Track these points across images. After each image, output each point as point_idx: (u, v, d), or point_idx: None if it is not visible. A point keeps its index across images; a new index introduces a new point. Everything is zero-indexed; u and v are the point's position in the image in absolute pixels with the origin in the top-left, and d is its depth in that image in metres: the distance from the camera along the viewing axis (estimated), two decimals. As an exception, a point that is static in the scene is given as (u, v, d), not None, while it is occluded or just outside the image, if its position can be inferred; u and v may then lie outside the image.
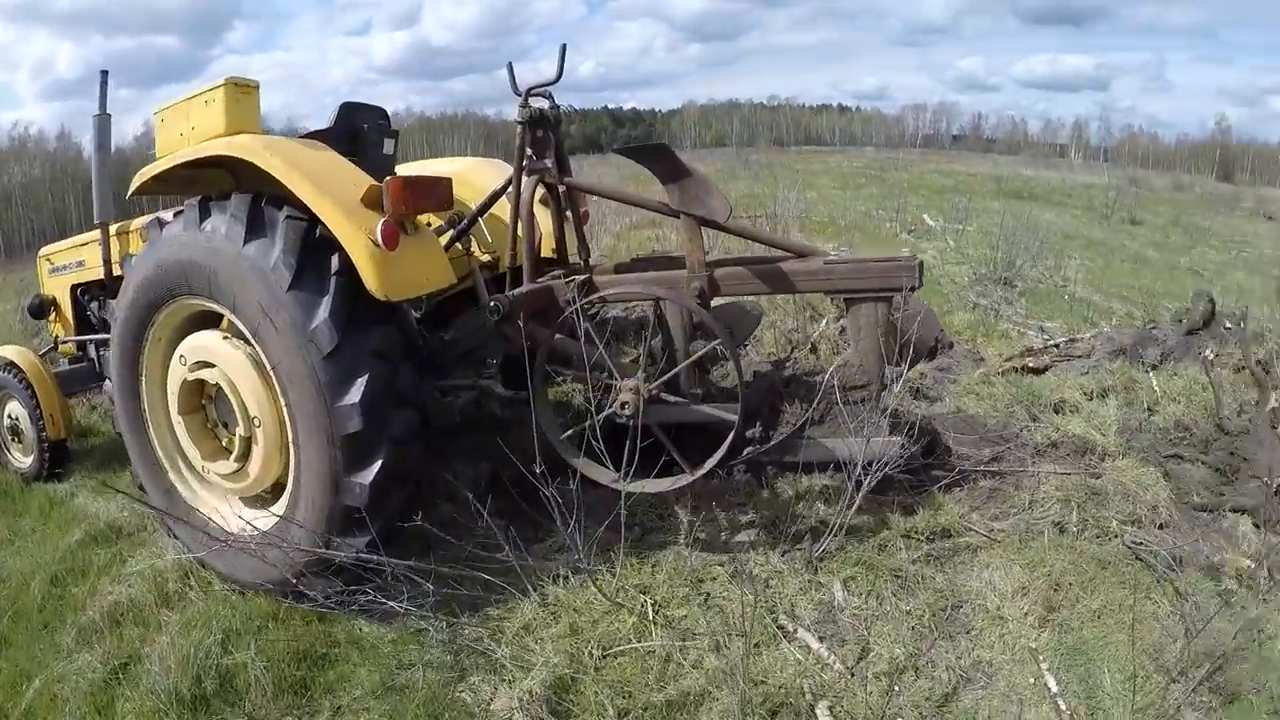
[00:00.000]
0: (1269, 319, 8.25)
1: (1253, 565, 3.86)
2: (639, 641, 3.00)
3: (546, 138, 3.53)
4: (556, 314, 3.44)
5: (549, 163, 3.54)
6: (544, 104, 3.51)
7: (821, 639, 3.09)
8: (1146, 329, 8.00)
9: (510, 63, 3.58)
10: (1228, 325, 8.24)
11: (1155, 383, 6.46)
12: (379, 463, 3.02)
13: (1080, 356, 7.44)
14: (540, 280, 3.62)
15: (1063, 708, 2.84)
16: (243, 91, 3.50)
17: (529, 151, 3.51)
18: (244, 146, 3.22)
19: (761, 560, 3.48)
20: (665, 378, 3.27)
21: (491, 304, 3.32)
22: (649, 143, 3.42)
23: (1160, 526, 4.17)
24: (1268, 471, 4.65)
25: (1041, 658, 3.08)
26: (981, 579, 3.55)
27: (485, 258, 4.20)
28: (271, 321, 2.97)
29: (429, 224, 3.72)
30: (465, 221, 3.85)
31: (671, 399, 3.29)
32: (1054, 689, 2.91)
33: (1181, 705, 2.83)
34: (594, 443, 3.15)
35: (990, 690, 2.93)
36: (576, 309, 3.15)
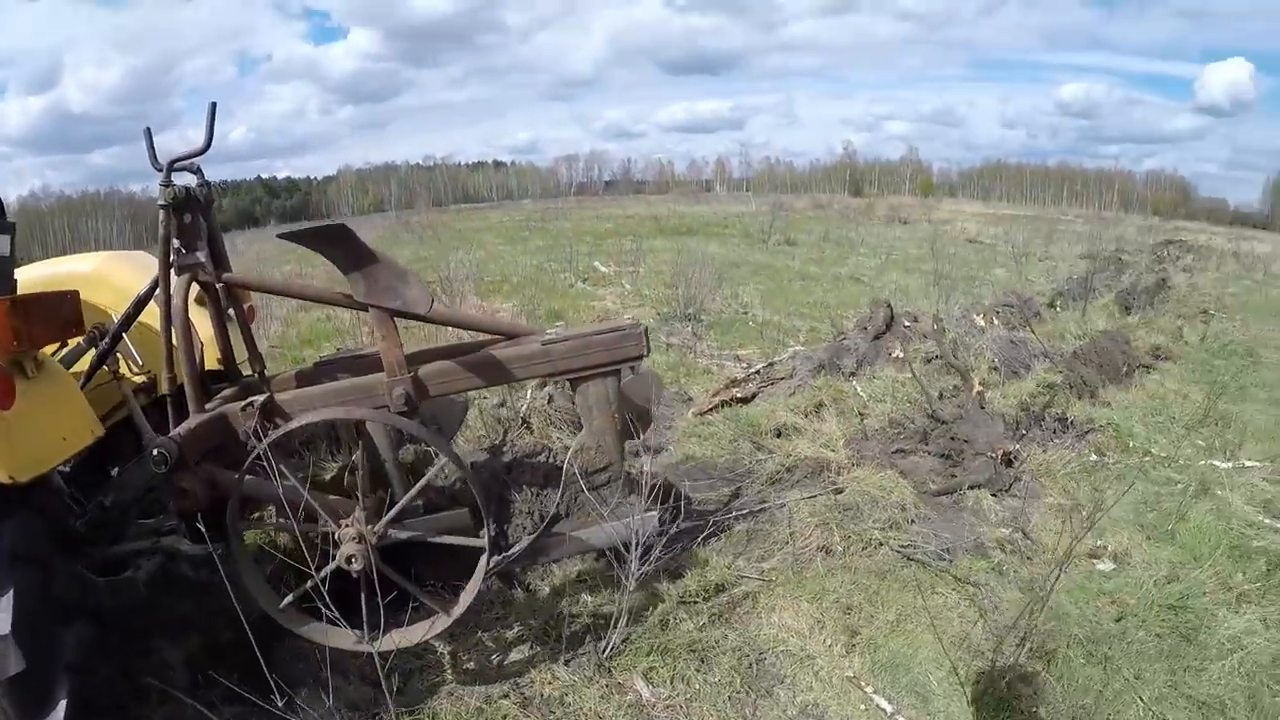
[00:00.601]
0: (936, 312, 10.88)
1: (1007, 531, 5.03)
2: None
3: (196, 224, 3.42)
4: (238, 448, 3.37)
5: (202, 256, 3.46)
6: (191, 180, 3.44)
7: (647, 747, 3.23)
8: (838, 341, 9.92)
9: (148, 129, 3.46)
10: (906, 324, 10.67)
11: (859, 389, 8.04)
12: (62, 704, 2.83)
13: (783, 378, 8.90)
14: (210, 407, 3.54)
15: (904, 723, 3.33)
16: None
17: (176, 243, 3.41)
18: None
19: (547, 678, 3.59)
20: (392, 514, 3.24)
21: (155, 452, 3.15)
22: (322, 224, 3.36)
23: (913, 522, 5.16)
24: (989, 447, 6.10)
25: (863, 683, 3.57)
26: (774, 624, 4.01)
27: (139, 379, 4.08)
28: None
29: (56, 352, 3.59)
30: (108, 340, 3.65)
31: (402, 534, 3.33)
32: (888, 708, 3.39)
33: (1010, 679, 3.52)
34: (321, 605, 3.06)
35: None
36: (263, 448, 3.07)
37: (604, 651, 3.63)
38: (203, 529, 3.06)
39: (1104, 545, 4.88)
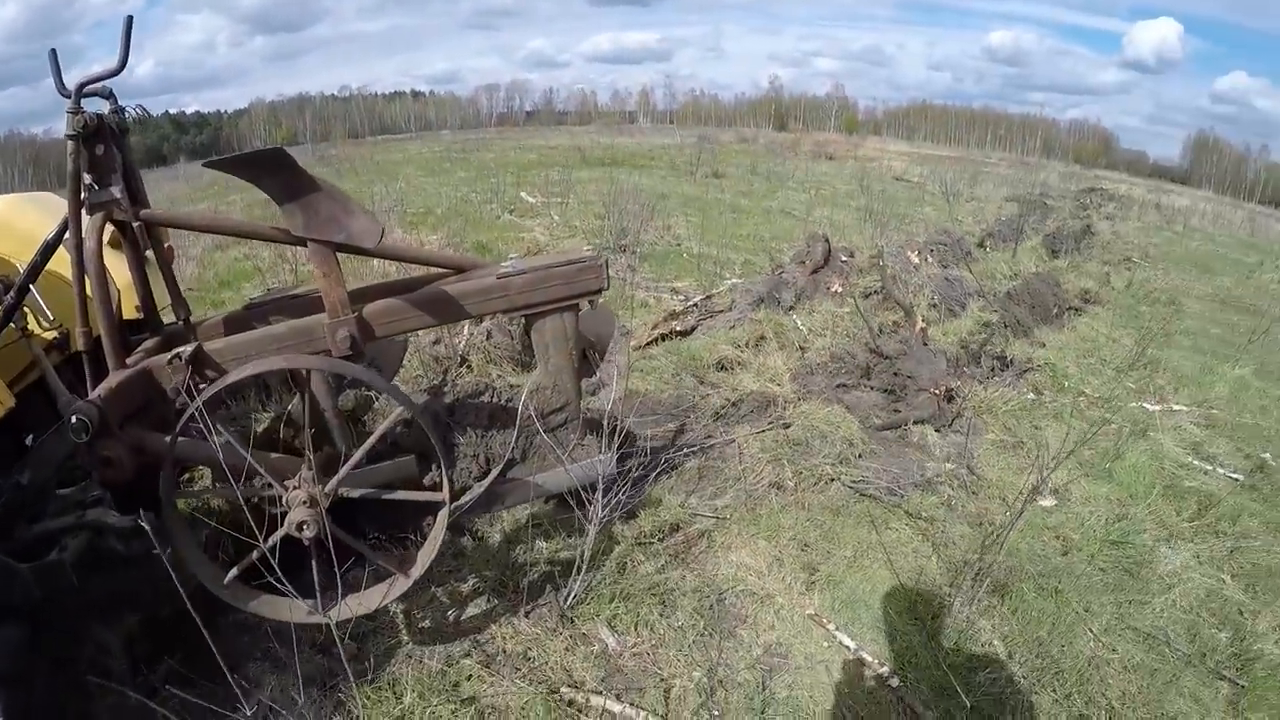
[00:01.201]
0: (878, 248, 10.98)
1: (952, 467, 5.12)
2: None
3: (110, 155, 3.07)
4: (166, 406, 3.13)
5: (117, 191, 3.11)
6: (104, 108, 3.08)
7: (619, 697, 3.20)
8: (776, 274, 9.94)
9: (53, 51, 3.11)
10: (844, 259, 10.75)
11: (799, 323, 8.07)
12: None
13: (722, 311, 8.87)
14: (132, 362, 3.22)
15: (868, 659, 3.38)
16: None
17: (87, 178, 3.04)
18: None
19: (509, 633, 3.50)
20: (344, 470, 3.01)
21: (74, 419, 2.85)
22: (257, 150, 3.03)
23: (861, 457, 5.22)
24: (932, 383, 6.19)
25: (825, 620, 3.62)
26: (732, 563, 4.02)
27: (50, 335, 3.71)
28: None
29: None
30: (13, 294, 3.27)
31: (355, 492, 3.12)
32: (851, 645, 3.45)
33: (969, 615, 3.61)
34: (271, 577, 2.84)
35: (795, 670, 3.37)
36: (197, 407, 2.78)
37: (566, 601, 3.56)
38: (132, 498, 2.84)
39: (1045, 481, 5.02)
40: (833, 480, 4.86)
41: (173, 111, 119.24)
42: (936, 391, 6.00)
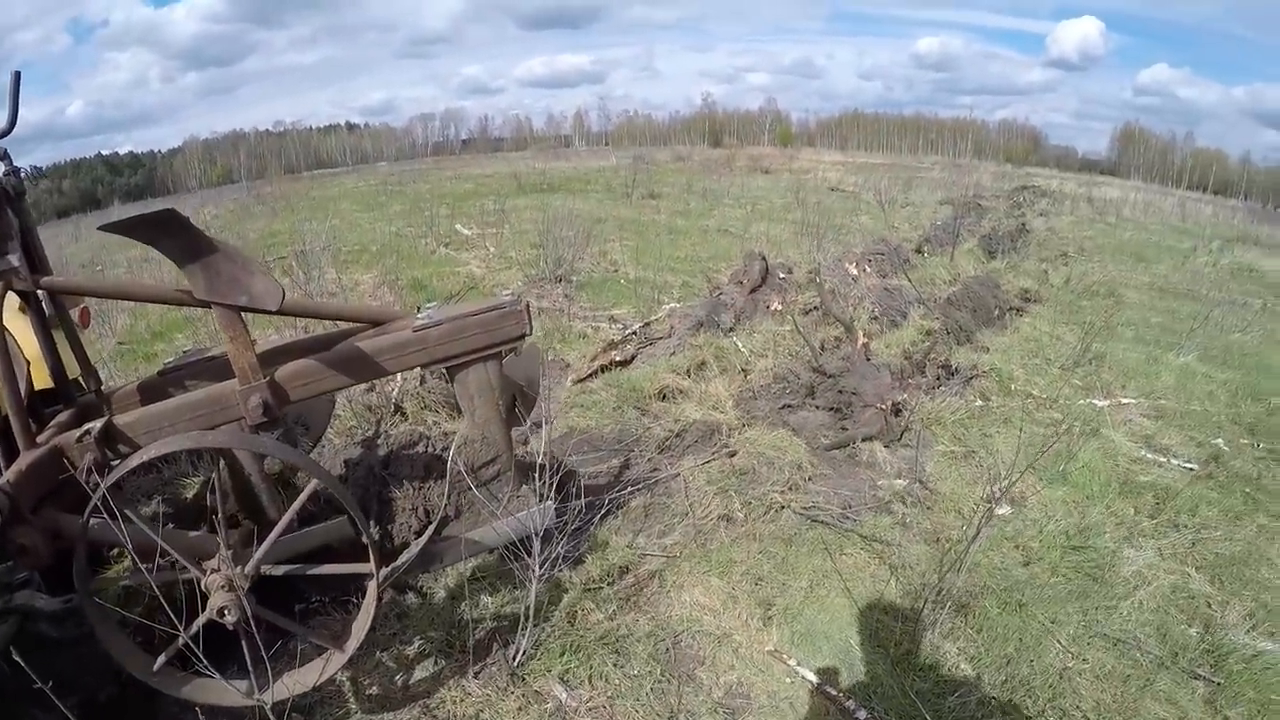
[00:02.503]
0: (814, 263, 11.06)
1: (904, 483, 5.09)
2: None
3: (6, 221, 2.99)
4: (77, 487, 2.99)
5: (14, 259, 3.01)
6: None
7: (574, 755, 3.09)
8: (714, 296, 9.93)
9: None
10: (781, 276, 10.80)
11: (740, 345, 8.05)
12: None
13: (662, 338, 8.81)
14: (43, 440, 3.11)
15: (833, 692, 3.30)
16: None
17: None
18: None
19: (458, 695, 3.38)
20: (261, 551, 2.91)
21: None
22: (149, 213, 2.90)
23: (810, 480, 5.18)
24: (878, 398, 6.18)
25: (785, 655, 3.54)
26: (685, 603, 3.92)
27: None
28: None
29: None
30: None
31: (278, 570, 3.00)
32: (814, 679, 3.37)
33: (933, 638, 3.56)
34: (198, 664, 2.73)
35: (758, 710, 3.29)
36: (103, 491, 2.64)
37: (514, 659, 3.44)
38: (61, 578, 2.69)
39: (1000, 496, 5.03)
40: (783, 508, 4.80)
41: (105, 153, 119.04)
42: (883, 406, 5.99)
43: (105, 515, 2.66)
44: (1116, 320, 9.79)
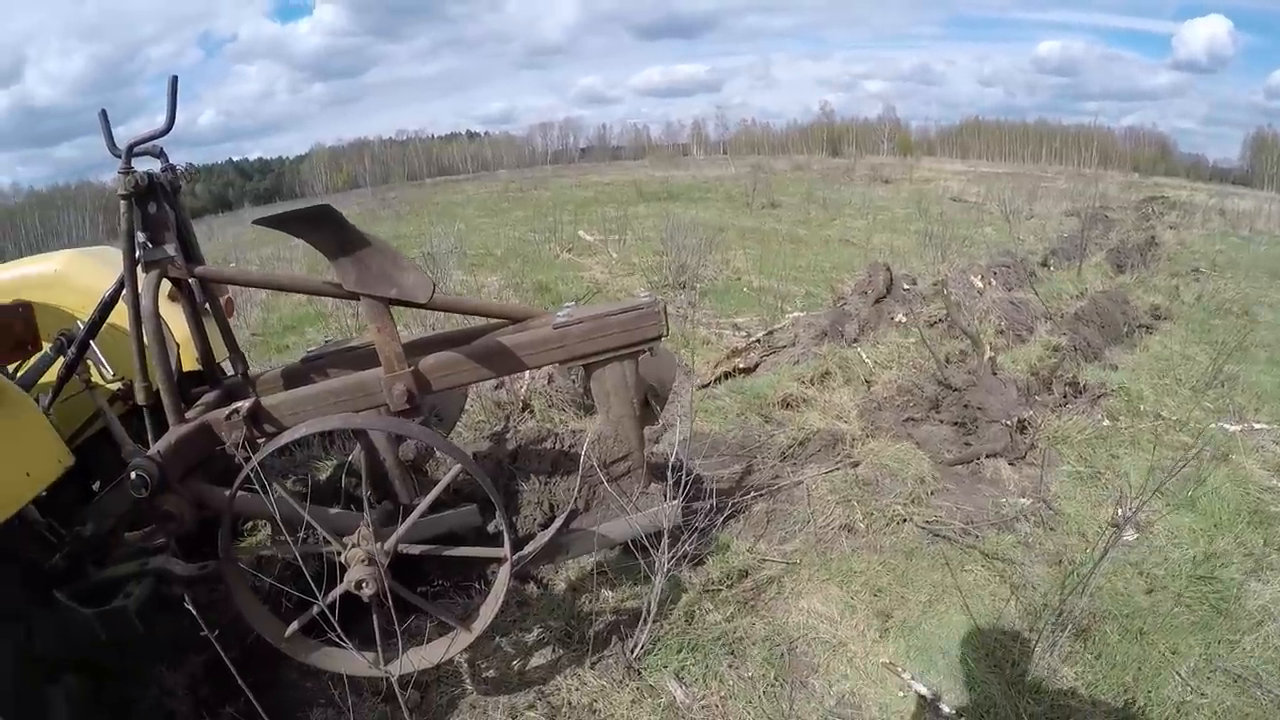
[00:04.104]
0: (940, 275, 10.81)
1: (1028, 502, 4.97)
2: None
3: (163, 213, 3.13)
4: (225, 458, 3.18)
5: (171, 249, 3.17)
6: (154, 166, 3.16)
7: (686, 752, 3.15)
8: (838, 306, 9.83)
9: (103, 112, 3.17)
10: (906, 287, 10.60)
11: (864, 356, 7.96)
12: None
13: (785, 347, 8.79)
14: (191, 417, 3.26)
15: (945, 709, 3.28)
16: None
17: (141, 236, 3.11)
18: None
19: (575, 684, 3.44)
20: (401, 530, 3.03)
21: (134, 475, 2.90)
22: (304, 207, 3.07)
23: (933, 494, 5.10)
24: (1004, 415, 6.02)
25: (899, 668, 3.52)
26: (802, 610, 3.94)
27: (113, 386, 3.73)
28: None
29: (15, 369, 3.37)
30: (74, 348, 3.37)
31: (415, 549, 3.12)
32: (927, 694, 3.34)
33: (1050, 661, 3.47)
34: (330, 633, 2.89)
35: None
36: (253, 467, 2.82)
37: (632, 652, 3.51)
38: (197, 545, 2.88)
39: (1128, 520, 4.84)
40: (905, 521, 4.75)
41: (235, 159, 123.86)
42: (1008, 423, 5.84)
43: (255, 487, 2.83)
44: (1250, 340, 9.18)
